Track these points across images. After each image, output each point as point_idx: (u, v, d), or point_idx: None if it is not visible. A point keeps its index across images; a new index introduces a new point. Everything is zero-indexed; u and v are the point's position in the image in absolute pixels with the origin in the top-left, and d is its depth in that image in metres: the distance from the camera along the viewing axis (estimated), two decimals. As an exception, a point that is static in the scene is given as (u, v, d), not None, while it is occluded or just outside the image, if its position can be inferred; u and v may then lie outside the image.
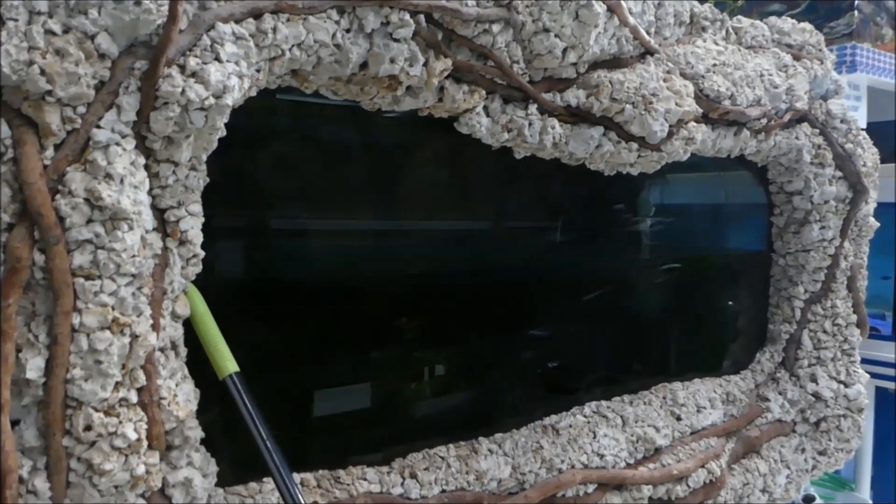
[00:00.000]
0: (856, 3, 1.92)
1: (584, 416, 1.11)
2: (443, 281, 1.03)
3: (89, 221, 0.57)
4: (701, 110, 1.05)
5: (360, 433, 0.96)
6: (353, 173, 0.95)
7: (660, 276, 1.40)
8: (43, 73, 0.54)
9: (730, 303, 1.51)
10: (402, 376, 1.02)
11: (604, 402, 1.15)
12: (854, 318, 1.41)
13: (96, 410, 0.60)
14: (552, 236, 1.23)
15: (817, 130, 1.30)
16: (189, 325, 0.72)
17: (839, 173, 1.32)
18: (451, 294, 1.03)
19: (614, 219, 1.34)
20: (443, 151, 0.99)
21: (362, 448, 0.93)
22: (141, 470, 0.64)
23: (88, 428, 0.60)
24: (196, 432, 0.70)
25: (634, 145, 0.97)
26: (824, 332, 1.40)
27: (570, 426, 1.08)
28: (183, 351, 0.71)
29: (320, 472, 0.87)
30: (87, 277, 0.58)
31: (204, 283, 0.72)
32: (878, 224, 1.39)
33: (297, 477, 0.84)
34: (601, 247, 1.30)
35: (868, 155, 1.32)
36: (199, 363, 0.72)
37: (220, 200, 0.73)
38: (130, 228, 0.59)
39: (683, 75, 1.04)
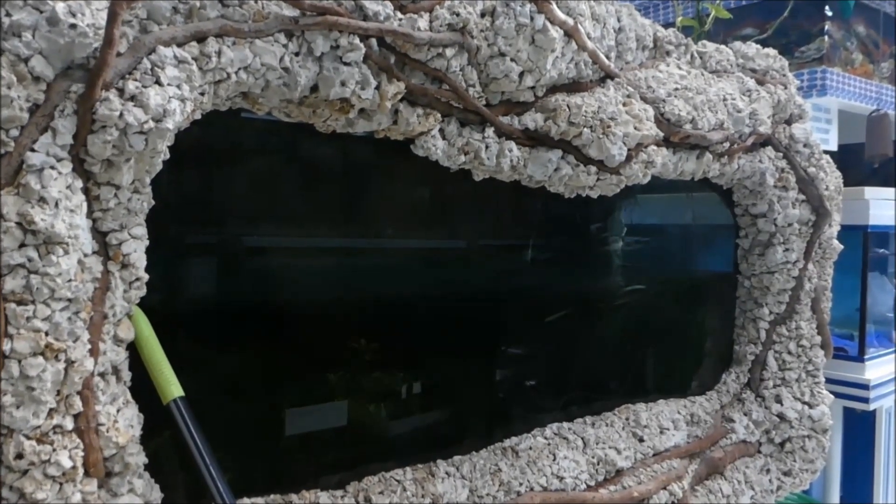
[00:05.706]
0: (826, 28, 1.95)
1: (545, 438, 1.10)
2: (399, 302, 1.02)
3: (22, 246, 0.56)
4: (661, 134, 1.05)
5: (314, 456, 0.95)
6: (313, 191, 0.94)
7: (627, 296, 1.40)
8: (-26, 96, 0.53)
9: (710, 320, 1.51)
10: (359, 398, 1.01)
11: (565, 424, 1.14)
12: (818, 339, 1.42)
13: (28, 438, 0.59)
14: (520, 256, 1.23)
15: (781, 154, 1.31)
16: (135, 350, 0.71)
17: (802, 196, 1.33)
18: (408, 315, 1.03)
19: (582, 239, 1.34)
20: (405, 169, 0.99)
21: (316, 471, 0.92)
22: (77, 498, 0.62)
23: (20, 456, 0.59)
24: (138, 458, 0.69)
25: (593, 168, 0.97)
26: (789, 353, 1.41)
27: (530, 448, 1.07)
28: (126, 375, 0.69)
29: (272, 496, 0.85)
30: (20, 302, 0.57)
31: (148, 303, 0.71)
32: (841, 247, 1.40)
33: (248, 502, 0.83)
34: (567, 267, 1.30)
35: (830, 178, 1.34)
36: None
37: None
38: (66, 252, 0.58)
39: (644, 99, 1.05)
